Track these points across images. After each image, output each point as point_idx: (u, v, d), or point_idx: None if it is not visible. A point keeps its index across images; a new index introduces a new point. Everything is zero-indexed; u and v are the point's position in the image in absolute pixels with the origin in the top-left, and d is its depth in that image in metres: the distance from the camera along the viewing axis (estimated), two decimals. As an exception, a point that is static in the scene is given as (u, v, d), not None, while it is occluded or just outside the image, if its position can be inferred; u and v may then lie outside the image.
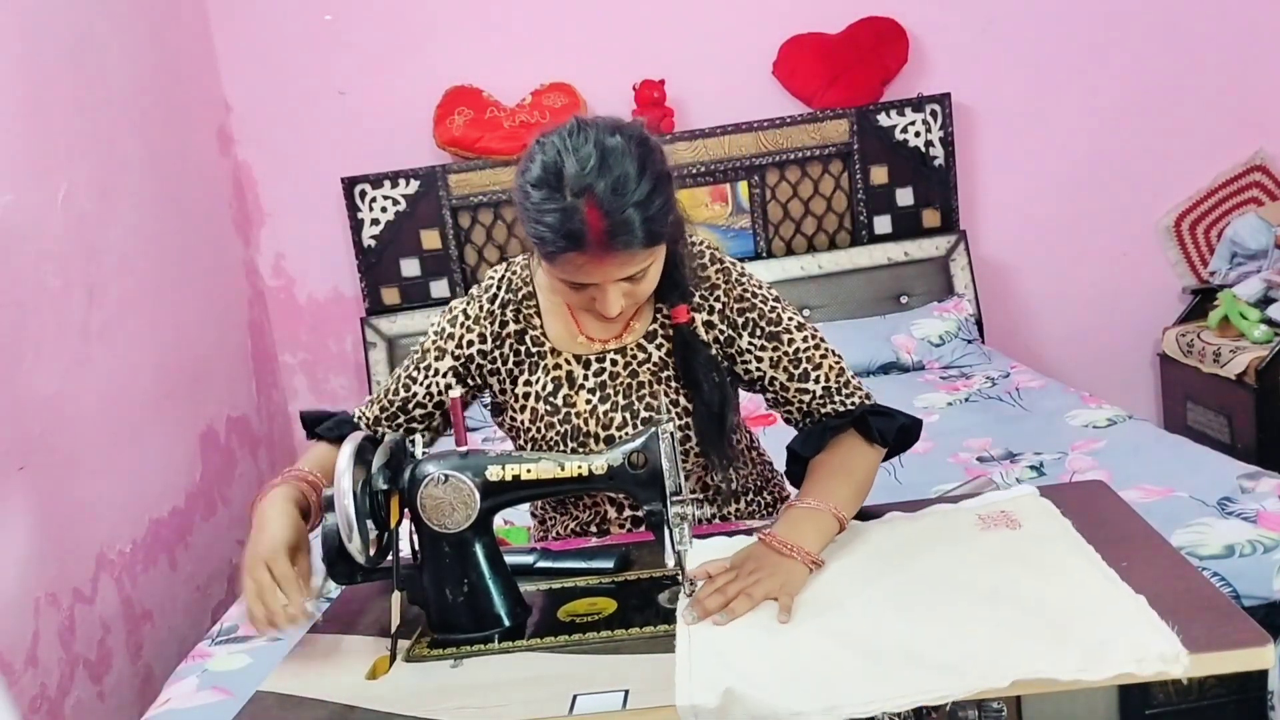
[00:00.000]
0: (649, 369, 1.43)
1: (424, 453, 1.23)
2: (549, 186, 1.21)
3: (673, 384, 1.43)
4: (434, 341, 1.47)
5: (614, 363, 1.43)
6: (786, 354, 1.41)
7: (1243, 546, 1.68)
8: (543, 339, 1.45)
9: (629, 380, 1.43)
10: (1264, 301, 3.18)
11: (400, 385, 1.48)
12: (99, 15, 2.61)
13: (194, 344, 2.91)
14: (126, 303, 2.54)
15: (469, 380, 1.47)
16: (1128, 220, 3.51)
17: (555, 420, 1.43)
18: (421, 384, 1.46)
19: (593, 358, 1.44)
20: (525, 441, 1.46)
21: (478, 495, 1.19)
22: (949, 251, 3.38)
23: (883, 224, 3.41)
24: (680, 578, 1.20)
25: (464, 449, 1.23)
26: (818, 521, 1.28)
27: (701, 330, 1.42)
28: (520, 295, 1.45)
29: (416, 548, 1.23)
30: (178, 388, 2.76)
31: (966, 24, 3.39)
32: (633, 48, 3.33)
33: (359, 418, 1.48)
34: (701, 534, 1.38)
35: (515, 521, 2.18)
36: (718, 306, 1.42)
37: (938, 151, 3.36)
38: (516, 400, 1.45)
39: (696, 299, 1.41)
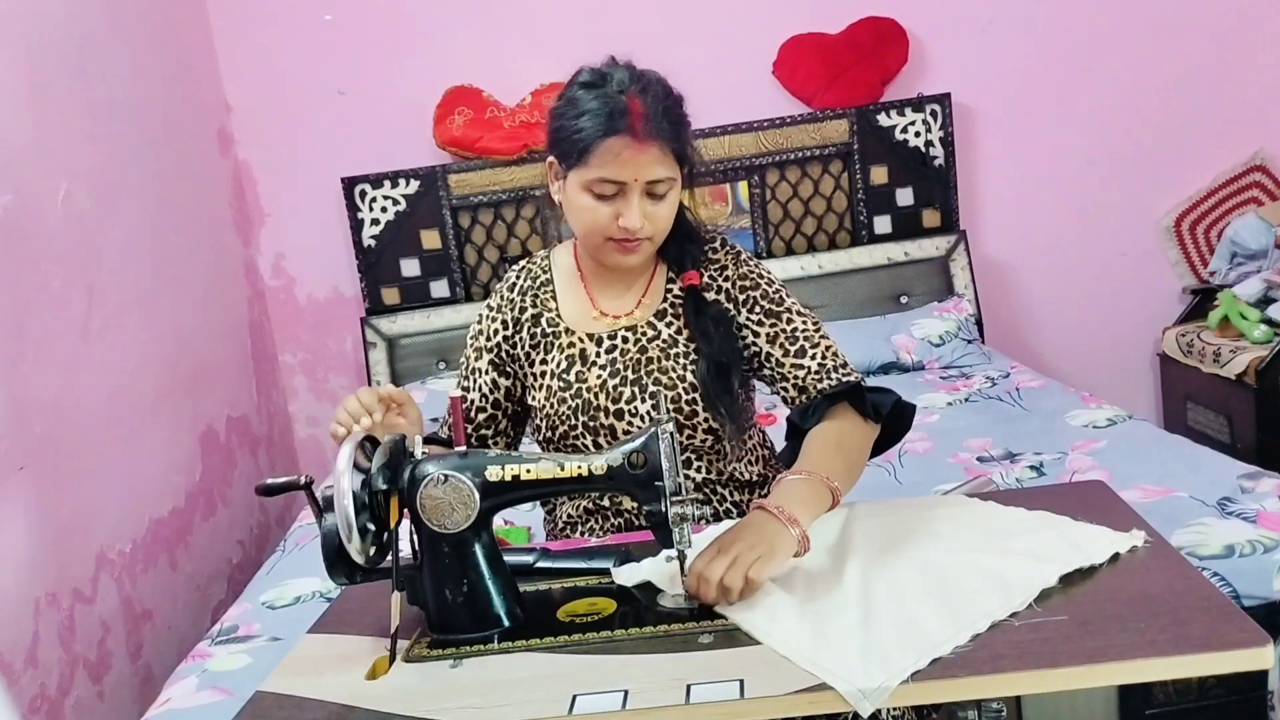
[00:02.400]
0: (659, 345, 1.49)
1: (423, 453, 1.23)
2: (595, 87, 1.38)
3: (681, 360, 1.47)
4: (471, 345, 1.57)
5: (625, 339, 1.49)
6: (784, 331, 1.48)
7: (1243, 546, 1.68)
8: (557, 319, 1.52)
9: (639, 356, 1.48)
10: (1264, 301, 3.18)
11: (460, 394, 1.53)
12: (99, 16, 2.61)
13: (194, 344, 2.91)
14: (126, 303, 2.54)
15: (506, 369, 1.55)
16: (1128, 220, 3.51)
17: (568, 396, 1.48)
18: (475, 390, 1.55)
19: (605, 335, 1.50)
20: (541, 419, 1.51)
21: (477, 495, 1.19)
22: (949, 251, 3.38)
23: (883, 224, 3.41)
24: (681, 577, 1.20)
25: (463, 449, 1.23)
26: (812, 490, 1.29)
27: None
28: (539, 282, 1.55)
29: (416, 548, 1.23)
30: (178, 388, 2.76)
31: (966, 24, 3.40)
32: (633, 48, 3.28)
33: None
34: (700, 534, 1.38)
35: (515, 521, 2.18)
36: (725, 286, 1.50)
37: (938, 151, 3.36)
38: (536, 380, 1.52)
39: (706, 278, 1.50)
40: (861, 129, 3.35)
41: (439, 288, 3.40)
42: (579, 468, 1.21)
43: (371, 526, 1.18)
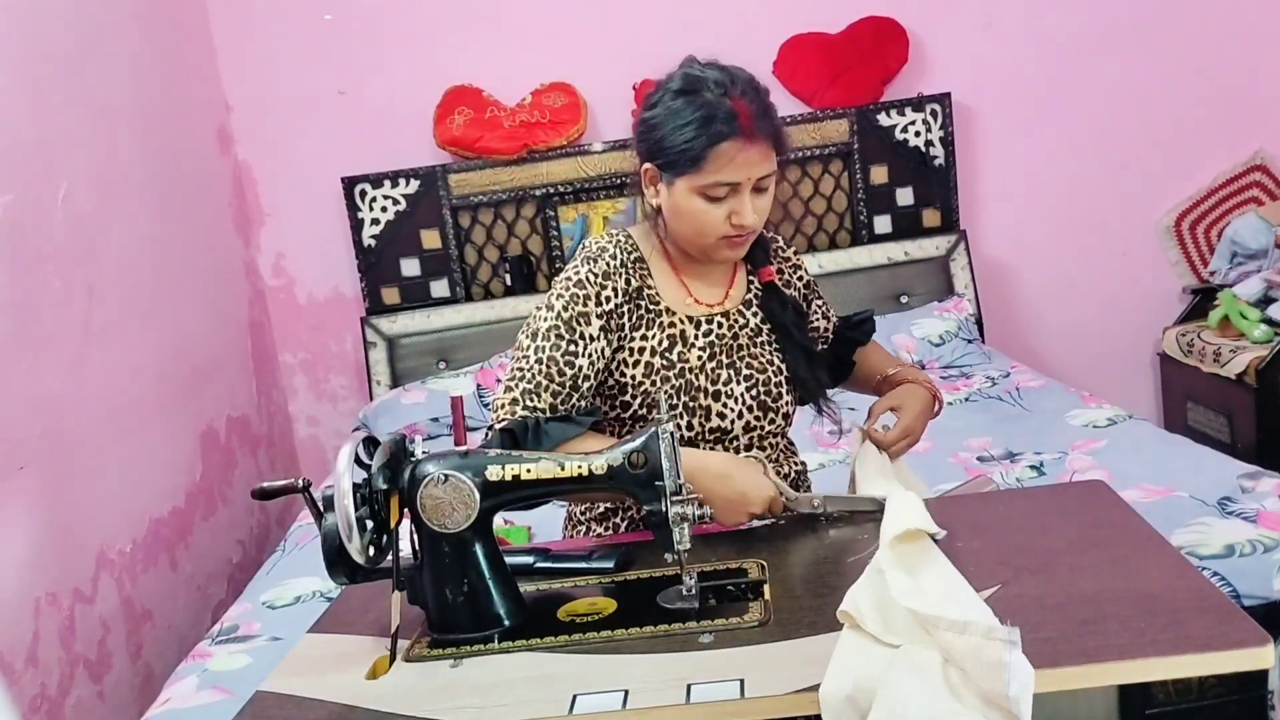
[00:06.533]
0: (748, 333, 1.56)
1: (424, 452, 1.23)
2: (692, 93, 1.40)
3: (767, 348, 1.56)
4: (570, 311, 1.45)
5: (720, 325, 1.54)
6: (827, 304, 1.73)
7: (1243, 546, 1.69)
8: (658, 298, 1.52)
9: (732, 342, 1.54)
10: (1264, 301, 3.18)
11: (562, 364, 1.44)
12: (99, 15, 2.61)
13: (194, 344, 2.91)
14: (126, 303, 2.54)
15: (611, 336, 1.47)
16: (1128, 220, 3.51)
17: (671, 375, 1.50)
18: (584, 355, 1.45)
19: (703, 319, 1.53)
20: (633, 395, 1.49)
21: (478, 495, 1.19)
22: (949, 251, 3.38)
23: (883, 224, 3.42)
24: (681, 576, 1.20)
25: (464, 449, 1.23)
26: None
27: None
28: (633, 258, 1.52)
29: (416, 548, 1.23)
30: (178, 388, 2.76)
31: (966, 24, 3.40)
32: (633, 48, 3.33)
33: (534, 413, 1.42)
34: (702, 533, 1.39)
35: (515, 521, 2.19)
36: (799, 286, 1.66)
37: (938, 151, 3.36)
38: (630, 355, 1.49)
39: (786, 276, 1.64)
40: (861, 129, 3.35)
41: (439, 287, 3.40)
42: (579, 468, 1.22)
43: (371, 526, 1.18)
